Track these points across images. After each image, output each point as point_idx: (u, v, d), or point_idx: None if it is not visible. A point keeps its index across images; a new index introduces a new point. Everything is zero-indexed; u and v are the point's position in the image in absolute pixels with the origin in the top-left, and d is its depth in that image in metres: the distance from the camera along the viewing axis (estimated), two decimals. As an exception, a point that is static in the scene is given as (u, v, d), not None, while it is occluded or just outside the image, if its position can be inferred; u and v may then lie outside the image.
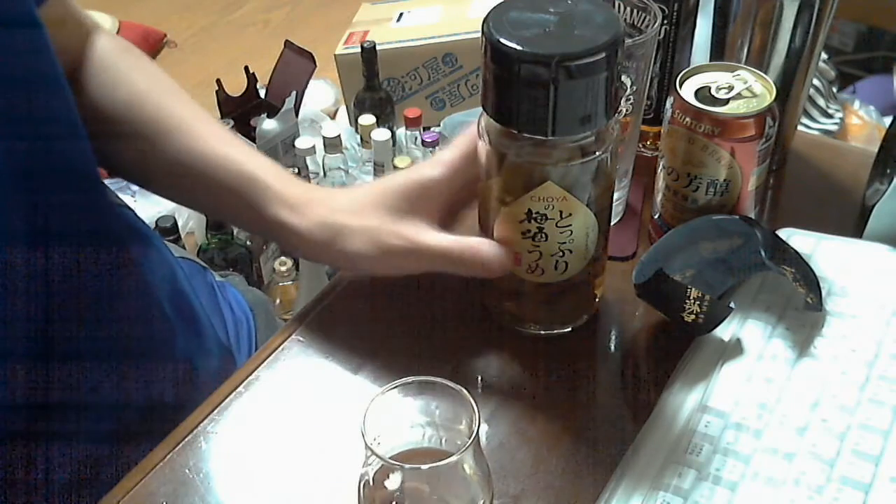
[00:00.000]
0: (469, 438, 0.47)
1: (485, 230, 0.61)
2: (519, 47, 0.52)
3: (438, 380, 0.50)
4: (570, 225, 0.58)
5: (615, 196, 0.71)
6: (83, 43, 0.74)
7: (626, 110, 0.66)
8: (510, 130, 0.55)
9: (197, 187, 0.70)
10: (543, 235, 0.58)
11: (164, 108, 0.71)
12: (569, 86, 0.52)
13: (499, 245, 0.60)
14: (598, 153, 0.56)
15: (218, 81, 1.82)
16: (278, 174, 0.67)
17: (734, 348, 0.61)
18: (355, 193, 0.65)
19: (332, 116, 2.04)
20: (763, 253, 0.63)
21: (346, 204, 0.64)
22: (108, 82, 0.72)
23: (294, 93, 1.75)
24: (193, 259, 0.89)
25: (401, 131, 1.68)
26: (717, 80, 0.65)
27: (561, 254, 0.59)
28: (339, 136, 1.58)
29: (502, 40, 0.52)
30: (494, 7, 0.55)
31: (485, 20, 0.54)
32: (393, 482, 0.50)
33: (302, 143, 1.60)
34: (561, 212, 0.57)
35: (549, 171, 0.56)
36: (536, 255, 0.59)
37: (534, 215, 0.58)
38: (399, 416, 0.51)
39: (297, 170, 1.60)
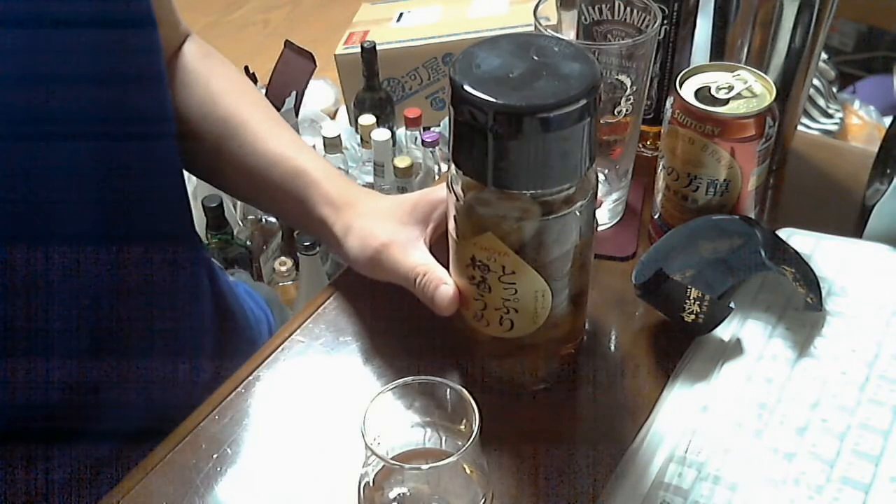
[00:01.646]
0: (469, 438, 0.47)
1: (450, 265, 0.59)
2: (462, 91, 0.49)
3: (438, 380, 0.50)
4: (515, 283, 0.54)
5: (615, 196, 0.71)
6: (174, 45, 0.75)
7: (626, 110, 0.66)
8: (456, 167, 0.53)
9: (257, 186, 0.71)
10: (487, 287, 0.55)
11: (233, 109, 0.73)
12: (502, 139, 0.49)
13: (453, 286, 0.58)
14: (544, 217, 0.52)
15: (218, 81, 1.82)
16: (327, 172, 0.69)
17: (734, 348, 0.61)
18: (383, 202, 0.66)
19: (332, 116, 2.04)
20: (763, 253, 0.63)
21: (370, 209, 0.65)
22: (185, 82, 0.74)
23: (294, 93, 1.74)
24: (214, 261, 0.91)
25: (401, 131, 1.67)
26: (717, 80, 0.65)
27: (506, 310, 0.55)
28: (339, 136, 1.58)
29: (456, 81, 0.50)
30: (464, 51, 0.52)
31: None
32: (393, 482, 0.50)
33: (302, 143, 1.60)
34: (503, 267, 0.53)
35: (491, 222, 0.53)
36: (481, 304, 0.56)
37: (477, 263, 0.54)
38: (399, 416, 0.51)
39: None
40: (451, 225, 0.56)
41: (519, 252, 0.53)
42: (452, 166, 0.53)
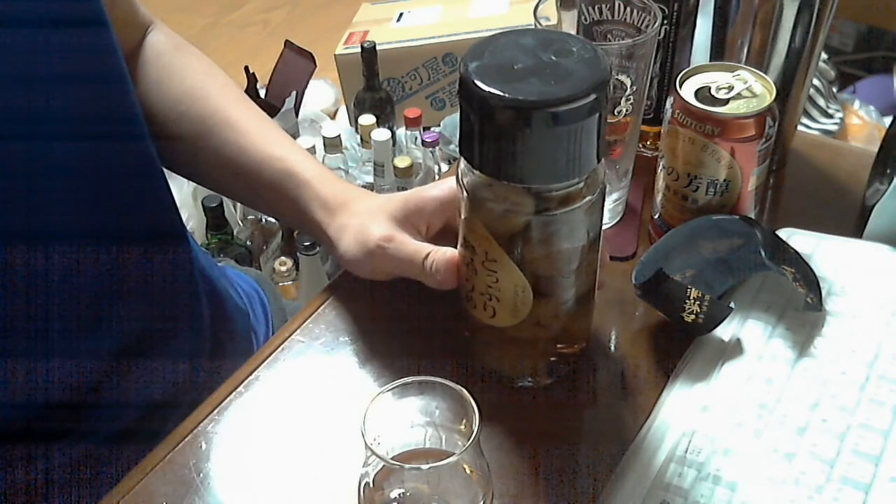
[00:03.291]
0: (469, 438, 0.47)
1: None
2: (464, 78, 0.49)
3: (438, 380, 0.50)
4: (496, 272, 0.55)
5: (615, 196, 0.71)
6: (135, 39, 0.75)
7: (626, 110, 0.66)
8: (459, 152, 0.53)
9: (242, 183, 0.71)
10: (474, 269, 0.56)
11: (212, 105, 0.72)
12: (488, 127, 0.49)
13: (452, 254, 0.59)
14: (537, 213, 0.52)
15: (218, 81, 1.81)
16: (318, 172, 0.69)
17: (734, 348, 0.61)
18: (375, 200, 0.66)
19: (332, 116, 2.04)
20: (763, 253, 0.63)
21: (363, 209, 0.65)
22: (160, 80, 0.73)
23: (294, 93, 1.74)
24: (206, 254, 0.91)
25: (401, 131, 1.67)
26: (717, 80, 0.65)
27: (488, 297, 0.56)
28: (339, 136, 1.58)
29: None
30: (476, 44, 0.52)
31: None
32: (393, 482, 0.50)
33: (302, 143, 1.60)
34: (486, 252, 0.54)
35: (484, 209, 0.53)
36: (470, 285, 0.57)
37: (467, 243, 0.56)
38: (399, 416, 0.51)
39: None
40: (460, 204, 0.56)
41: (509, 243, 0.53)
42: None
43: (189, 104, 0.72)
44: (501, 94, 0.48)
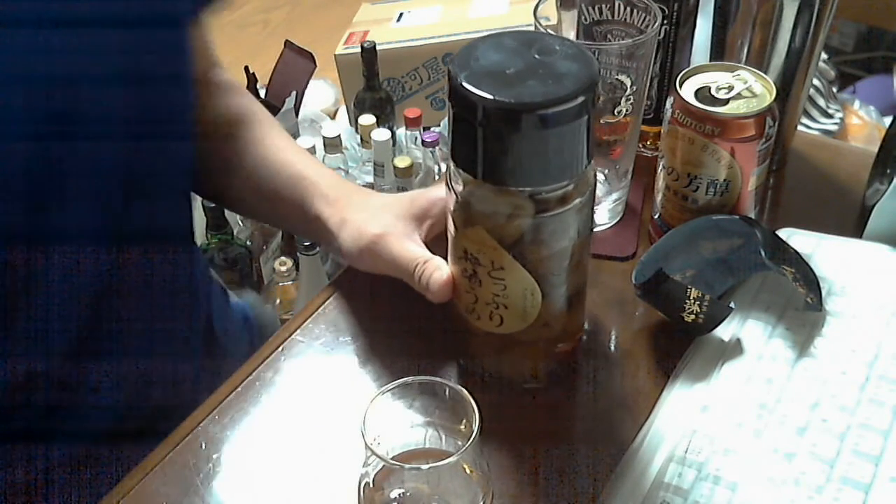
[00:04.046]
0: (469, 438, 0.47)
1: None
2: (457, 85, 0.49)
3: (438, 380, 0.50)
4: (504, 279, 0.54)
5: (615, 196, 0.71)
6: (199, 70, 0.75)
7: (626, 110, 0.66)
8: (452, 161, 0.53)
9: (254, 191, 0.72)
10: (478, 280, 0.55)
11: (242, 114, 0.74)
12: (491, 135, 0.49)
13: (448, 272, 0.59)
14: (538, 215, 0.52)
15: (218, 81, 1.81)
16: (326, 175, 0.70)
17: (734, 348, 0.61)
18: (379, 196, 0.67)
19: (332, 116, 2.04)
20: (763, 253, 0.63)
21: (366, 204, 0.66)
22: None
23: (294, 93, 1.74)
24: (216, 278, 0.91)
25: (401, 131, 1.67)
26: (717, 80, 0.65)
27: (496, 306, 0.56)
28: (339, 136, 1.58)
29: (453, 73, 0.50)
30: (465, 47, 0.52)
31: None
32: (393, 482, 0.50)
33: (302, 143, 1.60)
34: (492, 262, 0.54)
35: (484, 217, 0.53)
36: (472, 297, 0.57)
37: (469, 256, 0.55)
38: (399, 416, 0.51)
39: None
40: (449, 217, 0.56)
41: (511, 248, 0.53)
42: (450, 160, 0.53)
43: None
44: (505, 99, 0.48)
